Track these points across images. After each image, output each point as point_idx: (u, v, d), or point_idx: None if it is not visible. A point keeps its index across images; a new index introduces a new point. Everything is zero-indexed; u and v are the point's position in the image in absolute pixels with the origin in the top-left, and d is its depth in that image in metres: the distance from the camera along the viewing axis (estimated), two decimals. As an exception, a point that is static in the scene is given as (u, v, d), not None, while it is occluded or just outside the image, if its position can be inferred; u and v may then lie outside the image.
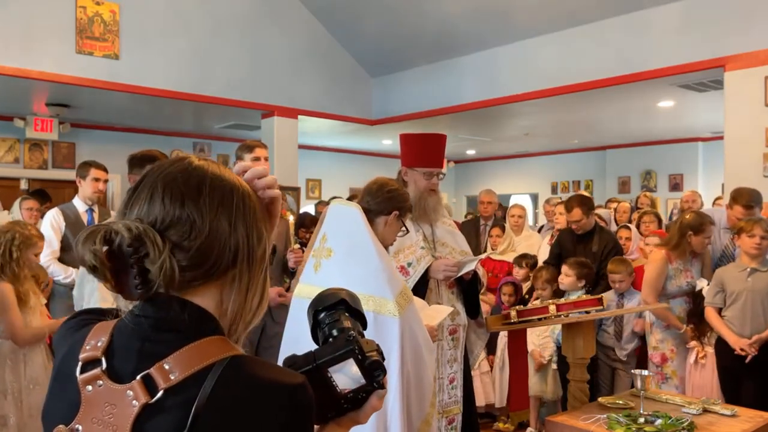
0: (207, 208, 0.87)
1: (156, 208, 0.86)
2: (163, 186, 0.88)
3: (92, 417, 0.83)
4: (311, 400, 0.84)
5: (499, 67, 7.16)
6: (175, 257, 0.84)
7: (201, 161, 0.93)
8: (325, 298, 1.02)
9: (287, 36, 7.57)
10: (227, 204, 0.89)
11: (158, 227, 0.85)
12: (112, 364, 0.85)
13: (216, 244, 0.87)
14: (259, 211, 0.94)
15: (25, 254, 3.30)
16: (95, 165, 4.43)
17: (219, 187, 0.90)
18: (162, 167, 0.91)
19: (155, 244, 0.82)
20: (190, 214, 0.86)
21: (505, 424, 4.82)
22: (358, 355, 0.91)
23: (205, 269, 0.86)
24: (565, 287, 4.33)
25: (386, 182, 2.66)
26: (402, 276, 2.94)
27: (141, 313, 0.86)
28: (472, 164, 13.28)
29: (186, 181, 0.88)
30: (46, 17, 5.88)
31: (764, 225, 3.72)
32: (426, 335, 2.37)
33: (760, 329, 3.63)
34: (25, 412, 3.18)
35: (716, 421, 2.86)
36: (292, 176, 7.72)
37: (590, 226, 4.70)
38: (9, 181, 8.11)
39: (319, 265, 2.37)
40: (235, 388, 0.80)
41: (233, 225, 0.89)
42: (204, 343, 0.84)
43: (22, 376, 3.22)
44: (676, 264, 4.02)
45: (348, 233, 2.34)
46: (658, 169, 10.47)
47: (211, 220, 0.87)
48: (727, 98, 5.38)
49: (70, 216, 4.35)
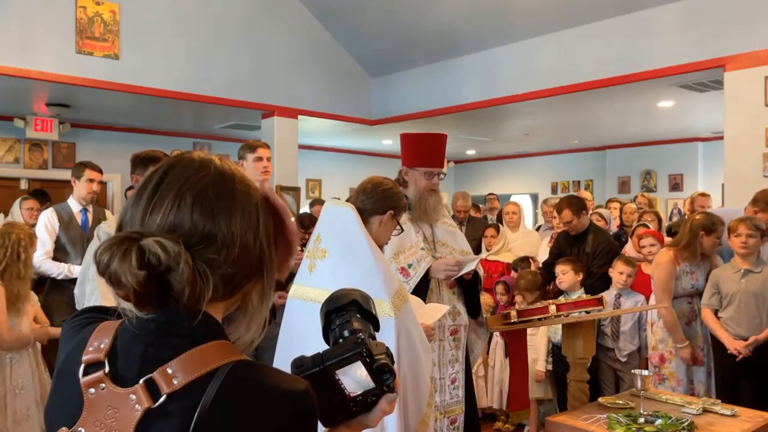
0: (238, 225, 0.85)
1: (185, 220, 0.83)
2: (193, 196, 0.84)
3: (95, 420, 0.82)
4: (314, 407, 0.83)
5: (499, 67, 7.16)
6: (205, 278, 0.82)
7: (225, 166, 0.90)
8: (337, 299, 1.00)
9: (287, 36, 7.57)
10: (254, 218, 0.88)
11: (185, 241, 0.82)
12: (115, 368, 0.84)
13: (245, 262, 0.86)
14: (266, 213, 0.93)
15: (30, 254, 3.32)
16: (90, 166, 4.43)
17: (247, 200, 0.88)
18: (186, 171, 0.87)
19: (188, 265, 0.80)
20: (222, 232, 0.84)
21: (505, 424, 4.83)
22: (366, 357, 0.90)
23: (231, 287, 0.86)
24: (565, 286, 4.32)
25: (381, 181, 2.65)
26: (398, 276, 2.94)
27: (144, 318, 0.85)
28: (472, 164, 13.28)
29: (217, 194, 0.85)
30: (46, 17, 5.88)
31: (749, 224, 3.70)
32: (422, 335, 2.37)
33: (756, 330, 3.63)
34: (9, 417, 3.13)
35: (716, 421, 2.86)
36: (292, 176, 7.72)
37: (583, 227, 4.68)
38: (9, 181, 8.12)
39: (314, 266, 2.36)
40: (238, 394, 0.79)
41: (258, 238, 0.87)
42: (207, 347, 0.83)
43: (8, 380, 3.18)
44: (683, 265, 3.99)
45: (342, 233, 2.33)
46: (658, 169, 10.47)
47: (242, 239, 0.85)
48: (727, 98, 5.38)
49: (63, 216, 4.37)
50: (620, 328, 4.30)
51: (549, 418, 3.05)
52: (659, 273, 3.99)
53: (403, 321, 2.22)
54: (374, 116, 8.61)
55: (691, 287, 3.99)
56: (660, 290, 3.97)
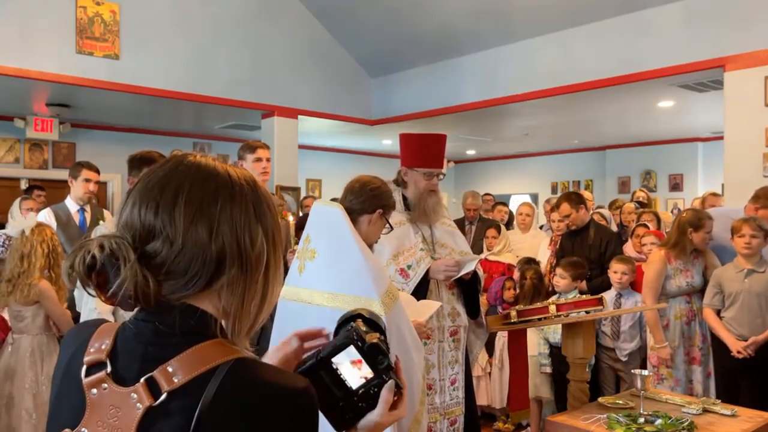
0: (182, 218, 0.84)
1: (134, 217, 0.85)
2: (141, 194, 0.86)
3: (97, 420, 0.83)
4: (315, 404, 0.83)
5: (499, 67, 7.16)
6: (149, 270, 0.82)
7: (189, 160, 0.89)
8: (343, 316, 1.01)
9: (287, 36, 7.57)
10: (208, 209, 0.85)
11: (136, 237, 0.84)
12: (116, 368, 0.85)
13: (193, 256, 0.84)
14: (260, 205, 0.90)
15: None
16: (87, 166, 4.43)
17: (198, 192, 0.86)
18: (148, 172, 0.89)
19: (126, 260, 0.81)
20: (163, 225, 0.84)
21: (505, 424, 4.83)
22: (357, 341, 0.91)
23: (185, 281, 0.84)
24: (560, 290, 4.33)
25: (369, 180, 2.63)
26: (397, 277, 2.94)
27: (143, 318, 0.86)
28: (472, 164, 13.28)
29: (162, 188, 0.86)
30: (47, 17, 5.88)
31: (753, 224, 3.70)
32: (414, 334, 2.35)
33: (759, 330, 3.63)
34: (40, 408, 3.25)
35: (716, 421, 2.86)
36: (292, 176, 7.72)
37: (583, 222, 4.73)
38: (9, 181, 8.12)
39: (303, 266, 2.35)
40: (238, 392, 0.80)
41: (215, 231, 0.85)
42: (207, 345, 0.84)
43: (39, 372, 3.30)
44: (676, 264, 4.01)
45: (331, 234, 2.32)
46: (658, 169, 10.47)
47: (185, 231, 0.84)
48: (727, 98, 5.38)
49: (61, 216, 4.36)
50: (620, 327, 4.30)
51: (549, 418, 3.06)
52: (647, 272, 4.06)
53: (393, 319, 2.21)
54: (374, 116, 8.61)
55: (686, 285, 4.00)
56: (645, 288, 4.03)
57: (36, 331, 3.34)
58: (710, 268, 4.03)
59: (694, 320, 4.02)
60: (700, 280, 4.03)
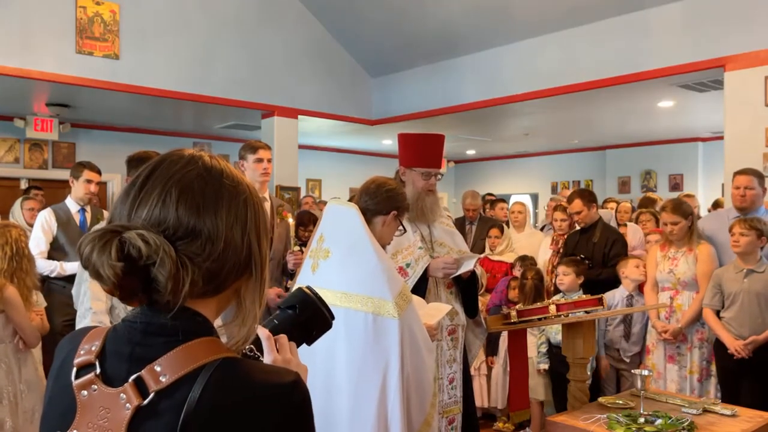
0: (224, 222, 0.84)
1: (169, 214, 0.83)
2: (179, 191, 0.84)
3: (88, 422, 0.83)
4: (305, 397, 0.84)
5: (499, 67, 7.16)
6: (188, 272, 0.81)
7: (214, 162, 0.89)
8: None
9: (287, 36, 7.57)
10: (242, 215, 0.87)
11: (169, 236, 0.82)
12: (105, 369, 0.85)
13: (230, 259, 0.85)
14: (260, 210, 0.92)
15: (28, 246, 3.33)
16: (88, 166, 4.42)
17: (234, 197, 0.87)
18: (173, 167, 0.87)
19: (171, 258, 0.80)
20: (207, 227, 0.83)
21: (505, 424, 4.82)
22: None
23: (216, 284, 0.85)
24: (564, 288, 4.32)
25: (384, 182, 2.65)
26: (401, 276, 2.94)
27: (134, 318, 0.86)
28: (472, 164, 13.28)
29: (203, 189, 0.85)
30: (46, 17, 5.88)
31: (743, 224, 3.72)
32: (426, 336, 2.37)
33: (758, 330, 3.63)
34: (20, 416, 3.14)
35: (716, 421, 2.86)
36: (292, 176, 7.72)
37: (592, 220, 4.73)
38: (9, 181, 8.12)
39: (317, 265, 2.36)
40: (225, 391, 0.79)
41: (246, 236, 0.87)
42: (195, 344, 0.83)
43: (17, 380, 3.18)
44: (668, 251, 4.10)
45: (346, 234, 2.33)
46: (658, 169, 10.47)
47: (227, 235, 0.84)
48: (727, 98, 5.38)
49: (62, 216, 4.35)
50: (631, 329, 4.31)
51: (549, 418, 3.06)
52: (647, 267, 4.26)
53: (406, 321, 2.22)
54: (374, 116, 8.61)
55: (668, 272, 4.04)
56: (646, 284, 4.22)
57: (9, 339, 3.12)
58: (701, 263, 3.98)
59: (671, 317, 4.01)
60: (687, 272, 3.97)
